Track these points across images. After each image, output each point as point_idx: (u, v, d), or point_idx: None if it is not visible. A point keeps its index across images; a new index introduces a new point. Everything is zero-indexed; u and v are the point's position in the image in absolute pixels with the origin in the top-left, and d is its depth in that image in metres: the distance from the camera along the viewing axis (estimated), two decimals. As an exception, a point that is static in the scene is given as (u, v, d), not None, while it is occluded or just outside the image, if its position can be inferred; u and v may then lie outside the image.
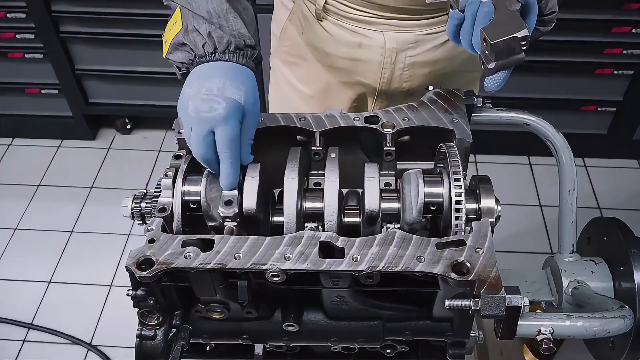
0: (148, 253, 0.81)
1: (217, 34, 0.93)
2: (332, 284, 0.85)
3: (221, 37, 0.93)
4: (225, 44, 0.93)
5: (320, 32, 1.27)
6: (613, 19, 2.40)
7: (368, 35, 1.24)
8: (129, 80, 2.78)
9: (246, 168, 0.92)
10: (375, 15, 1.21)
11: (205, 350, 1.00)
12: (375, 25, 1.23)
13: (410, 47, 1.24)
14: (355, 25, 1.24)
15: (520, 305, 0.78)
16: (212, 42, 0.92)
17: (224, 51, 0.92)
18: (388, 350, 0.99)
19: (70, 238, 2.62)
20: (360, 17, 1.22)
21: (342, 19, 1.24)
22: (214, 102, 0.86)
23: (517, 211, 2.65)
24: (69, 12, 2.55)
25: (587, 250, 1.16)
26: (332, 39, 1.27)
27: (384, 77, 1.28)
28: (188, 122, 0.88)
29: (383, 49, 1.24)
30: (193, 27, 0.94)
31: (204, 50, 0.92)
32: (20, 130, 3.03)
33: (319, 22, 1.26)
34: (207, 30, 0.93)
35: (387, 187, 0.93)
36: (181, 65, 0.95)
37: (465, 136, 0.99)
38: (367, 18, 1.22)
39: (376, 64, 1.26)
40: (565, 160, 1.13)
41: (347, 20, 1.24)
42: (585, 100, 2.65)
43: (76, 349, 2.26)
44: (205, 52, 0.92)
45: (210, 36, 0.92)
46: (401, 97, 1.32)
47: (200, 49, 0.92)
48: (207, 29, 0.93)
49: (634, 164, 2.87)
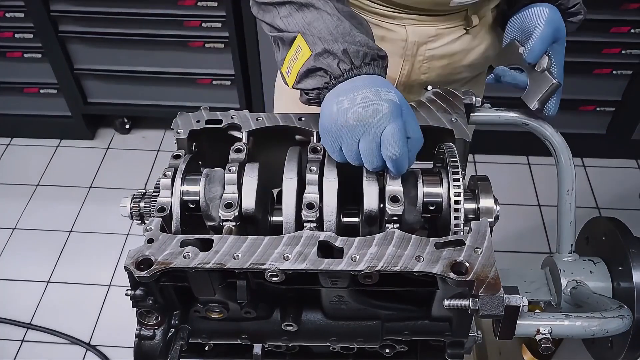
0: (147, 253, 0.81)
1: (351, 49, 0.90)
2: (331, 283, 0.85)
3: (356, 52, 0.90)
4: (362, 57, 0.90)
5: None
6: (612, 19, 2.40)
7: (391, 28, 1.24)
8: (128, 80, 2.78)
9: (244, 167, 0.92)
10: (397, 10, 1.22)
11: (204, 350, 1.00)
12: (399, 19, 1.23)
13: (431, 40, 1.25)
14: (379, 20, 1.24)
15: (518, 305, 0.78)
16: (348, 58, 0.90)
17: (360, 65, 0.90)
18: (387, 350, 0.99)
19: (69, 238, 2.62)
20: (383, 12, 1.23)
21: (364, 13, 1.24)
22: (376, 105, 0.84)
23: (515, 211, 2.66)
24: (67, 11, 2.55)
25: (585, 250, 1.16)
26: None
27: (404, 69, 1.28)
28: (352, 135, 0.85)
29: (405, 42, 1.25)
30: (324, 49, 0.90)
31: (340, 70, 0.90)
32: (19, 129, 3.03)
33: None
34: (340, 48, 0.90)
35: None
36: (314, 92, 0.93)
37: (464, 136, 0.99)
38: (390, 12, 1.23)
39: (397, 57, 1.27)
40: (564, 160, 1.13)
41: (370, 14, 1.24)
42: (584, 100, 2.65)
43: (75, 348, 2.26)
44: (342, 71, 0.90)
45: (346, 53, 0.90)
46: (418, 89, 1.33)
47: (336, 69, 0.90)
48: (341, 46, 0.90)
49: (632, 164, 2.87)
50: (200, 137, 1.03)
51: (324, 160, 0.93)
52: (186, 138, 1.01)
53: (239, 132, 1.02)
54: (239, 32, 2.55)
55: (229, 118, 1.03)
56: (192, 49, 2.62)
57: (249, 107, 2.82)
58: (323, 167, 0.92)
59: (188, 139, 1.01)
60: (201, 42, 2.59)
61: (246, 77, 2.71)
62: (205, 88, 2.75)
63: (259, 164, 0.93)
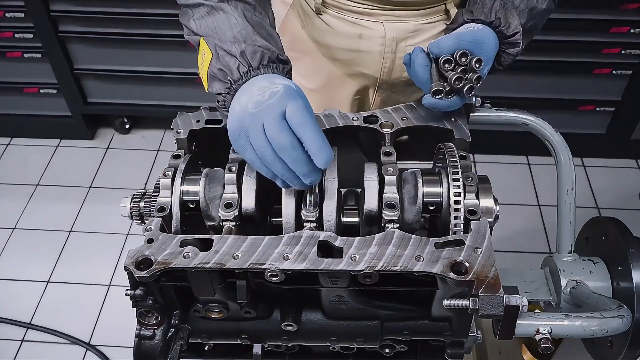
0: (147, 253, 0.81)
1: (248, 50, 0.91)
2: (330, 283, 0.85)
3: (254, 53, 0.91)
4: (259, 58, 0.91)
5: (320, 25, 1.28)
6: (611, 19, 2.41)
7: (368, 26, 1.25)
8: (128, 79, 2.78)
9: (244, 167, 0.92)
10: (374, 6, 1.22)
11: (204, 350, 1.00)
12: (375, 16, 1.24)
13: (410, 36, 1.25)
14: (355, 17, 1.25)
15: (518, 305, 0.78)
16: (245, 60, 0.90)
17: (258, 67, 0.90)
18: (387, 350, 0.99)
19: (69, 238, 2.62)
20: (360, 9, 1.24)
21: (342, 12, 1.25)
22: (272, 89, 0.84)
23: (515, 211, 2.65)
24: (67, 11, 2.55)
25: (585, 250, 1.16)
26: (332, 32, 1.28)
27: (385, 66, 1.29)
28: (255, 122, 0.82)
29: (383, 39, 1.25)
30: (224, 50, 0.91)
31: (239, 73, 0.90)
32: (19, 129, 3.03)
33: (319, 15, 1.27)
34: (238, 50, 0.91)
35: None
36: (220, 97, 0.93)
37: (464, 136, 0.99)
38: (367, 10, 1.23)
39: (377, 54, 1.27)
40: (564, 160, 1.13)
41: (347, 12, 1.25)
42: (583, 100, 2.65)
43: (75, 348, 2.26)
44: (240, 74, 0.90)
45: (243, 54, 0.90)
46: (402, 87, 1.33)
47: (235, 73, 0.90)
48: (239, 48, 0.91)
49: (632, 164, 2.87)
50: (200, 137, 1.03)
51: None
52: (186, 138, 1.01)
53: (238, 132, 1.02)
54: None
55: (229, 118, 1.03)
56: (192, 49, 2.57)
57: (248, 107, 2.81)
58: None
59: (188, 138, 1.01)
60: (201, 42, 2.59)
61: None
62: (205, 88, 2.75)
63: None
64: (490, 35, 1.01)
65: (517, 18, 1.03)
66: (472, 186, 0.88)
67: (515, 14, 1.03)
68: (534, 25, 1.08)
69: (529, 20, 1.06)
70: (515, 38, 1.03)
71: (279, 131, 0.81)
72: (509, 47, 1.04)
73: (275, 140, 0.81)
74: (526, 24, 1.05)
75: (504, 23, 1.02)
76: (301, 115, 0.81)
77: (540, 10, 1.07)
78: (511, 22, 1.02)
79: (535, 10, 1.06)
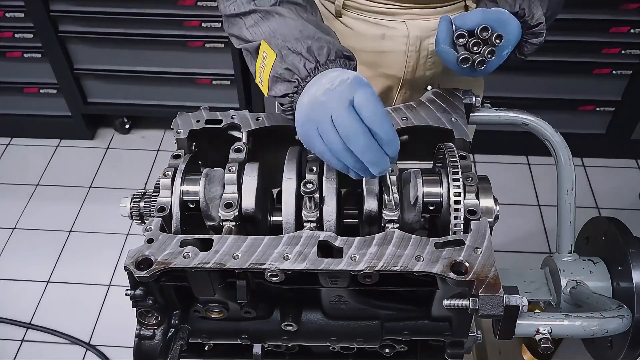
0: (147, 253, 0.81)
1: (315, 45, 0.88)
2: (330, 283, 0.85)
3: (320, 48, 0.88)
4: (326, 54, 0.88)
5: (340, 28, 1.27)
6: (611, 19, 2.41)
7: (390, 25, 1.24)
8: (128, 79, 2.78)
9: (244, 167, 0.92)
10: (396, 5, 1.22)
11: (203, 350, 1.00)
12: (397, 15, 1.23)
13: (433, 34, 1.24)
14: (377, 18, 1.24)
15: (518, 305, 0.78)
16: (312, 56, 0.87)
17: (325, 62, 0.87)
18: (387, 350, 0.99)
19: (69, 238, 2.62)
20: (381, 9, 1.23)
21: (363, 13, 1.24)
22: (341, 77, 0.81)
23: (515, 211, 2.65)
24: (67, 11, 2.55)
25: (585, 250, 1.16)
26: (354, 34, 1.27)
27: (409, 65, 1.28)
28: (324, 111, 0.79)
29: (407, 38, 1.24)
30: (288, 49, 0.88)
31: (306, 70, 0.87)
32: (19, 129, 3.03)
33: (338, 19, 1.26)
34: (304, 46, 0.88)
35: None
36: (285, 99, 0.89)
37: (464, 136, 0.99)
38: (389, 9, 1.23)
39: (401, 54, 1.27)
40: (564, 160, 1.13)
41: (368, 13, 1.24)
42: (583, 100, 2.65)
43: (75, 348, 2.26)
44: (308, 71, 0.87)
45: (310, 50, 0.87)
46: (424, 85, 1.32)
47: (302, 70, 0.87)
48: (304, 45, 0.88)
49: (632, 164, 2.87)
50: (200, 137, 1.03)
51: (324, 160, 0.93)
52: (186, 138, 1.01)
53: (238, 132, 1.02)
54: (238, 32, 2.55)
55: (229, 118, 1.03)
56: (192, 49, 2.62)
57: (248, 107, 2.82)
58: (323, 167, 0.92)
59: (188, 138, 1.01)
60: (201, 42, 2.59)
61: (246, 77, 2.71)
62: (205, 88, 2.75)
63: (259, 164, 0.93)
64: (516, 22, 1.03)
65: (541, 9, 1.04)
66: (472, 186, 0.88)
67: (538, 5, 1.05)
68: (551, 15, 1.10)
69: (549, 10, 1.07)
70: (539, 28, 1.05)
71: (346, 118, 0.78)
72: (532, 37, 1.06)
73: (342, 127, 0.78)
74: (546, 13, 1.06)
75: (528, 13, 1.03)
76: (371, 103, 0.78)
77: (558, 0, 1.09)
78: (535, 12, 1.04)
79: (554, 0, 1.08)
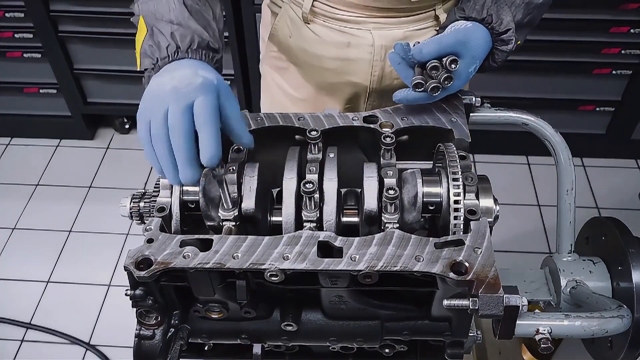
0: (147, 253, 0.81)
1: (179, 32, 0.93)
2: (330, 283, 0.85)
3: (184, 36, 0.93)
4: (188, 42, 0.93)
5: (308, 34, 1.27)
6: (611, 19, 2.41)
7: (356, 34, 1.24)
8: (128, 79, 2.78)
9: (244, 167, 0.92)
10: (362, 14, 1.22)
11: (203, 350, 1.00)
12: (363, 24, 1.23)
13: None
14: (343, 26, 1.24)
15: (518, 305, 0.78)
16: (175, 41, 0.92)
17: (186, 50, 0.92)
18: (387, 350, 0.99)
19: (69, 238, 2.62)
20: (347, 17, 1.23)
21: (329, 20, 1.25)
22: (191, 78, 0.85)
23: (515, 211, 2.66)
24: (67, 11, 2.55)
25: (585, 250, 1.16)
26: (320, 41, 1.27)
27: (375, 75, 1.28)
28: (162, 102, 0.84)
29: (372, 47, 1.24)
30: (157, 29, 0.94)
31: (167, 52, 0.92)
32: (19, 129, 3.03)
33: (306, 25, 1.27)
34: (170, 30, 0.93)
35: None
36: (146, 74, 0.94)
37: (464, 136, 0.99)
38: (355, 18, 1.23)
39: (366, 63, 1.26)
40: (564, 160, 1.13)
41: (335, 21, 1.24)
42: (583, 100, 2.65)
43: (75, 348, 2.26)
44: (168, 54, 0.92)
45: (173, 35, 0.93)
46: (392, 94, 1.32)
47: (163, 51, 0.92)
48: (170, 29, 0.93)
49: (632, 164, 2.87)
50: (200, 137, 1.03)
51: (324, 160, 0.93)
52: (186, 138, 1.00)
53: (238, 132, 1.02)
54: (238, 32, 2.55)
55: (229, 118, 1.03)
56: (192, 49, 2.62)
57: (249, 107, 2.82)
58: (323, 167, 0.92)
59: (188, 138, 1.01)
60: (201, 42, 2.59)
61: (246, 77, 2.71)
62: (205, 88, 2.74)
63: (259, 164, 0.93)
64: (479, 33, 1.00)
65: (510, 14, 1.02)
66: (472, 186, 0.88)
67: (508, 11, 1.02)
68: (531, 19, 1.07)
69: (527, 15, 1.05)
70: (508, 35, 1.02)
71: (178, 116, 0.81)
72: (502, 45, 1.03)
73: (171, 122, 0.82)
74: (523, 18, 1.04)
75: (495, 19, 1.01)
76: (206, 111, 0.81)
77: (537, 4, 1.06)
78: (503, 19, 1.01)
79: (532, 4, 1.05)
